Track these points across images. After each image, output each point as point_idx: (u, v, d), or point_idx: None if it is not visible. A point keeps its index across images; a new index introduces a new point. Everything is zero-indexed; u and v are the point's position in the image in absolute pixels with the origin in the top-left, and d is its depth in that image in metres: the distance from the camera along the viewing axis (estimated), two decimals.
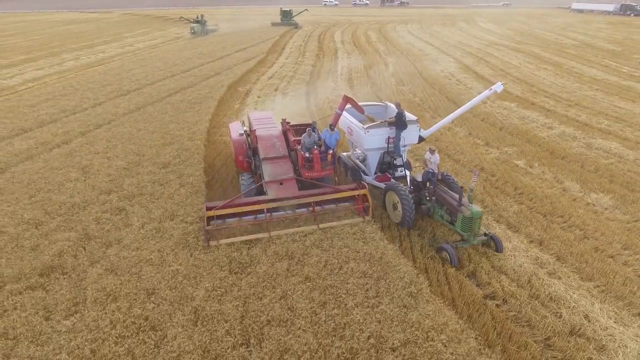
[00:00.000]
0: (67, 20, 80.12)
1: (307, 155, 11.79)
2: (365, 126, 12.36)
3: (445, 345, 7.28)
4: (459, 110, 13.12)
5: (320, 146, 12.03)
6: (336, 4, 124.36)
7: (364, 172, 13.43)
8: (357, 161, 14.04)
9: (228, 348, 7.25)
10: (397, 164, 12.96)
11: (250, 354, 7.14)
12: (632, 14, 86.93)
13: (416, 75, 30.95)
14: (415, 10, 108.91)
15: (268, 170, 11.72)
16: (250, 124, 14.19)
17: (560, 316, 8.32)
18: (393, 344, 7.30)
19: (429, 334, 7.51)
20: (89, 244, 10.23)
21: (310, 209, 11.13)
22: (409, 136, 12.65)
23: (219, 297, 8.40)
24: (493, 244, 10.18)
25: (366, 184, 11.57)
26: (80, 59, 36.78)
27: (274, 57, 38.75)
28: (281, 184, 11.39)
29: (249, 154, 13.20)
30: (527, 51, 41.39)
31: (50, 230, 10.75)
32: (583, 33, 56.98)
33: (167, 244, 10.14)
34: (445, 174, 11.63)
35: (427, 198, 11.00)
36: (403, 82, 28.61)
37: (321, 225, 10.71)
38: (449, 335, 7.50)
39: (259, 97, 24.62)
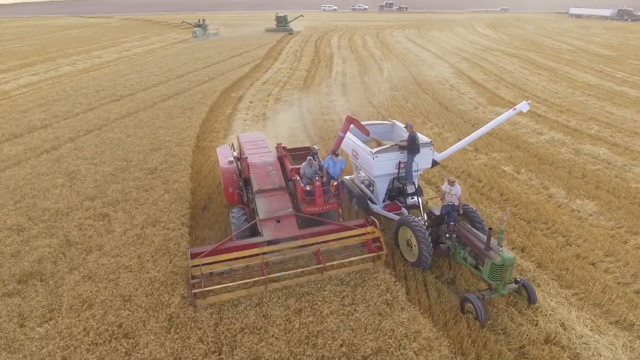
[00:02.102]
0: (66, 25, 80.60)
1: (307, 187, 10.29)
2: (374, 150, 11.11)
3: (417, 354, 7.26)
4: (478, 131, 11.76)
5: (322, 176, 10.58)
6: (335, 9, 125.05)
7: (370, 199, 12.28)
8: (363, 186, 12.86)
9: (200, 356, 7.24)
10: (409, 191, 11.62)
11: None
12: (630, 19, 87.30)
13: (410, 80, 31.03)
14: (413, 15, 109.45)
15: (263, 206, 10.16)
16: (240, 148, 12.62)
17: (537, 324, 8.28)
18: (365, 352, 7.28)
19: (402, 342, 7.48)
20: (70, 250, 10.24)
21: (313, 249, 9.47)
22: (422, 160, 11.45)
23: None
24: (525, 293, 8.74)
25: (376, 220, 9.96)
26: (76, 64, 36.99)
27: (270, 62, 38.89)
28: (278, 221, 9.86)
29: (240, 185, 11.51)
30: (523, 56, 41.52)
31: (32, 237, 10.77)
32: (579, 38, 57.18)
33: (148, 251, 10.14)
34: (466, 205, 10.39)
35: (447, 235, 9.67)
36: (396, 88, 28.68)
37: (327, 273, 9.19)
38: (421, 343, 7.47)
39: (251, 102, 24.70)
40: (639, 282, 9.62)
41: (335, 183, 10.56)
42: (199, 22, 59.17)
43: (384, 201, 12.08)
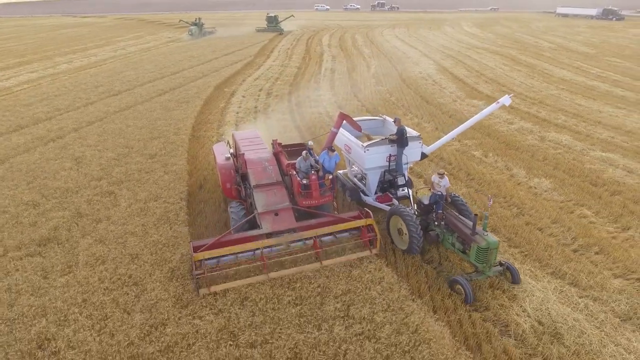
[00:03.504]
0: (60, 24, 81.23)
1: (303, 181, 10.66)
2: (365, 144, 11.63)
3: (380, 294, 8.74)
4: (463, 125, 12.50)
5: (317, 170, 11.02)
6: (327, 9, 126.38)
7: (363, 192, 12.82)
8: (356, 180, 13.42)
9: (198, 297, 8.65)
10: (399, 183, 12.15)
11: (216, 301, 8.55)
12: (614, 19, 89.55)
13: (395, 76, 32.54)
14: (404, 15, 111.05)
15: (261, 200, 10.45)
16: (236, 145, 12.90)
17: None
18: (336, 292, 8.75)
19: (367, 285, 8.97)
20: (81, 220, 11.61)
21: (310, 241, 9.95)
22: (411, 153, 12.06)
23: None
24: (509, 274, 9.41)
25: (370, 212, 10.34)
26: (73, 62, 38.08)
27: (262, 59, 40.24)
28: (276, 214, 10.19)
29: (238, 181, 11.89)
30: (505, 54, 43.20)
31: (47, 210, 12.12)
32: (562, 37, 59.04)
33: (150, 220, 11.54)
34: (454, 195, 10.95)
35: (436, 223, 10.23)
36: (382, 83, 30.17)
37: (325, 262, 9.68)
38: (384, 286, 8.96)
39: (243, 96, 26.07)
40: (577, 243, 11.16)
41: (330, 177, 10.94)
42: (195, 20, 60.63)
43: (375, 193, 12.58)
